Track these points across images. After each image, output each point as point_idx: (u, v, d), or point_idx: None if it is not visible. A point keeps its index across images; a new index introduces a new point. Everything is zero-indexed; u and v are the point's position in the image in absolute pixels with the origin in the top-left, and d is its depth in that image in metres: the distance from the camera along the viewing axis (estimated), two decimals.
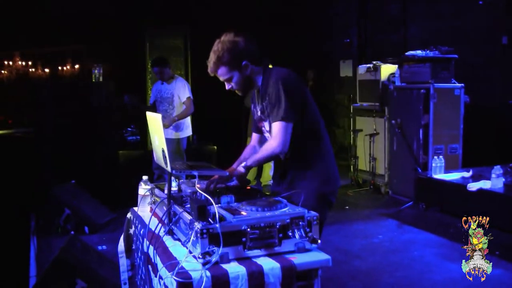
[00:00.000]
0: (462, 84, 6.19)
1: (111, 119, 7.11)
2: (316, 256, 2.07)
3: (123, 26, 8.20)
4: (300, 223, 2.10)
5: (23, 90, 9.69)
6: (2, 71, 10.44)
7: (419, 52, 6.20)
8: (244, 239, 2.02)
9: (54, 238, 4.89)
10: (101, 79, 6.78)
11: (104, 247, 4.72)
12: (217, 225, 1.96)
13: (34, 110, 7.95)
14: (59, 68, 10.76)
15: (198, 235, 1.95)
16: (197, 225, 1.96)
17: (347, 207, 6.29)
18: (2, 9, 8.16)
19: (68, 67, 10.81)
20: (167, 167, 2.28)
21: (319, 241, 2.12)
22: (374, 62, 7.08)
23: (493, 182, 4.93)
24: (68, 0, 8.24)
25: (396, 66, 6.79)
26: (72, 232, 3.51)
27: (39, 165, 6.31)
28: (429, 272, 4.17)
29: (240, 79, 2.59)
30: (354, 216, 5.94)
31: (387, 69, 6.92)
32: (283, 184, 2.72)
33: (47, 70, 10.87)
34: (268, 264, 1.98)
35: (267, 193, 2.68)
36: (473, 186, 4.97)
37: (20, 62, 10.14)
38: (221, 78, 2.61)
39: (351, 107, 7.70)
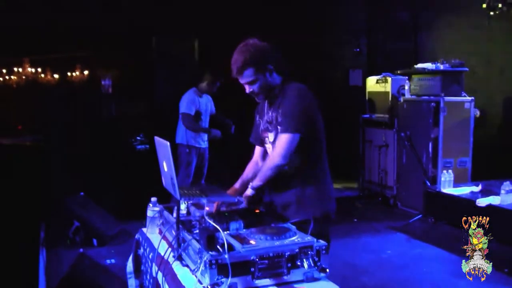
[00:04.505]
0: (472, 98, 6.16)
1: (120, 128, 7.14)
2: (324, 286, 2.07)
3: (131, 34, 8.22)
4: (309, 252, 2.10)
5: (33, 96, 9.75)
6: (12, 77, 10.53)
7: (429, 65, 6.18)
8: (252, 269, 2.02)
9: (63, 250, 4.94)
10: (110, 90, 6.80)
11: (113, 260, 4.75)
12: (226, 256, 1.96)
13: (43, 117, 8.00)
14: (68, 74, 10.84)
15: (207, 265, 1.95)
16: (206, 256, 1.96)
17: (355, 220, 6.27)
18: (11, 16, 8.23)
19: (77, 73, 10.88)
20: (175, 193, 2.28)
21: (327, 270, 2.12)
22: (384, 74, 7.06)
23: (503, 198, 4.89)
24: (77, 6, 8.29)
25: (406, 78, 6.77)
26: (81, 250, 3.52)
27: (48, 174, 6.34)
28: None
29: (264, 83, 2.58)
30: (363, 229, 5.92)
31: (397, 81, 6.91)
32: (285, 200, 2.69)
33: (56, 75, 10.96)
34: None
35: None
36: (482, 202, 4.93)
37: (29, 69, 10.19)
38: (244, 81, 2.58)
39: (360, 118, 7.67)
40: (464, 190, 5.52)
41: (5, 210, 5.40)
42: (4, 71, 9.97)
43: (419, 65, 6.38)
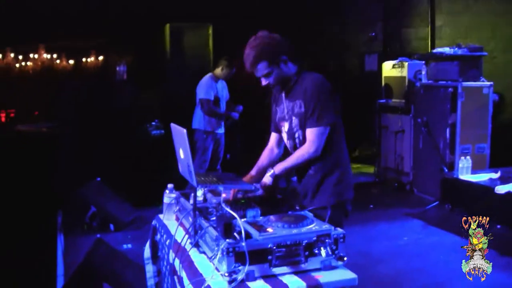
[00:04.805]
0: (491, 83, 6.04)
1: (135, 114, 7.16)
2: (342, 275, 2.04)
3: (145, 21, 8.21)
4: (327, 240, 2.09)
5: (49, 82, 9.82)
6: (28, 63, 10.60)
7: (447, 50, 6.07)
8: (270, 257, 2.01)
9: (80, 236, 4.99)
10: (125, 76, 6.81)
11: (130, 245, 4.78)
12: (243, 244, 1.95)
13: (59, 104, 8.06)
14: (83, 60, 10.88)
15: (225, 253, 1.95)
16: (223, 243, 1.96)
17: (371, 206, 6.23)
18: (26, 3, 8.25)
19: (92, 58, 10.92)
20: (192, 180, 2.28)
21: (345, 258, 2.10)
22: (400, 59, 6.95)
23: None
24: None
25: (423, 62, 6.67)
26: (98, 235, 3.55)
27: (64, 161, 6.39)
28: (453, 279, 4.09)
29: (279, 74, 2.58)
30: (379, 216, 5.87)
31: (413, 66, 6.80)
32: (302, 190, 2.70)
33: (71, 61, 11.02)
34: (294, 283, 1.96)
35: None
36: (501, 189, 4.87)
37: (45, 55, 10.25)
38: (259, 74, 2.59)
39: (377, 103, 7.58)
40: (482, 177, 5.46)
41: (23, 197, 5.49)
42: (20, 57, 10.03)
43: (437, 50, 6.27)
